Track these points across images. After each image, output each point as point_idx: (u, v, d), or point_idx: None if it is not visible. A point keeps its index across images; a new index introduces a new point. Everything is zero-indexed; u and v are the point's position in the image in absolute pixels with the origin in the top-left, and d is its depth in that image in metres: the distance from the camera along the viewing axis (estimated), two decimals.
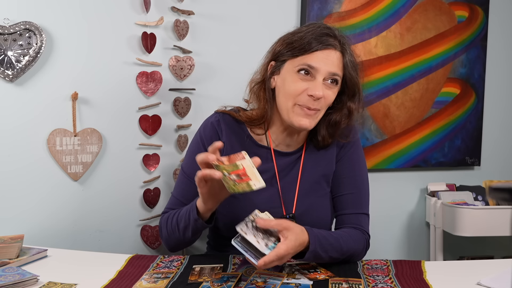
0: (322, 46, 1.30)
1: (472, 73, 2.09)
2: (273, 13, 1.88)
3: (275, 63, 1.37)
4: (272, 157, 1.41)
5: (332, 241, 1.27)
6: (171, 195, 1.47)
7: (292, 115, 1.32)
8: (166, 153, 1.81)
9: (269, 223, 1.15)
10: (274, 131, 1.42)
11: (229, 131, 1.42)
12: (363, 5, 1.95)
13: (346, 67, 1.33)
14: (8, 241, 1.40)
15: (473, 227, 1.86)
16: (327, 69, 1.30)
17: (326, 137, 1.40)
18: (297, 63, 1.31)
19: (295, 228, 1.17)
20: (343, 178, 1.43)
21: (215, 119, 1.45)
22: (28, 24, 1.63)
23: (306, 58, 1.30)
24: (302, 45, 1.30)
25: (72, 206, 1.75)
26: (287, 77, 1.33)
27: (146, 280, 1.19)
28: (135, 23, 1.74)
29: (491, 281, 1.16)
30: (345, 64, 1.33)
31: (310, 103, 1.30)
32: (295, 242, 1.15)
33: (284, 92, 1.33)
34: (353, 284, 1.17)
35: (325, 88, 1.31)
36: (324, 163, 1.43)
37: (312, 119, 1.32)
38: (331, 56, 1.30)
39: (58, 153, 1.70)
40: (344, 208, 1.42)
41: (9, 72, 1.63)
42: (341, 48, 1.32)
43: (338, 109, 1.39)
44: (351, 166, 1.44)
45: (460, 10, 2.05)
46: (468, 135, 2.10)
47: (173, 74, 1.79)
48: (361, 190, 1.44)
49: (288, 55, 1.33)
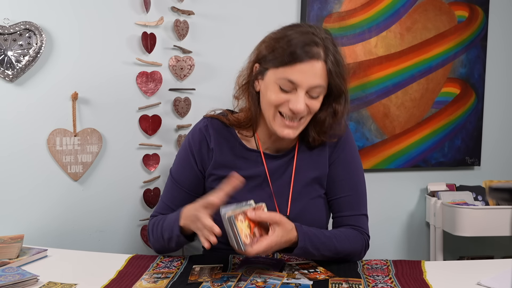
0: (306, 57, 1.24)
1: (472, 73, 2.09)
2: (273, 13, 1.87)
3: (259, 66, 1.33)
4: (263, 161, 1.40)
5: (324, 240, 1.27)
6: (159, 199, 1.47)
7: (274, 124, 1.30)
8: (166, 153, 1.81)
9: (259, 216, 1.16)
10: (262, 135, 1.41)
11: (218, 136, 1.41)
12: (363, 5, 1.95)
13: (330, 74, 1.28)
14: (8, 241, 1.40)
15: (473, 227, 1.86)
16: (309, 83, 1.25)
17: (316, 137, 1.38)
18: (278, 75, 1.26)
19: (286, 224, 1.18)
20: (339, 180, 1.41)
21: (203, 124, 1.43)
22: (28, 24, 1.63)
23: (287, 71, 1.24)
24: (284, 56, 1.25)
25: (72, 206, 1.75)
26: (269, 86, 1.29)
27: (146, 280, 1.19)
28: (135, 23, 1.74)
29: (491, 281, 1.16)
30: (328, 71, 1.27)
31: (292, 116, 1.28)
32: (281, 239, 1.17)
33: (266, 99, 1.30)
34: (353, 284, 1.17)
35: (308, 98, 1.27)
36: (317, 165, 1.41)
37: (296, 129, 1.31)
38: (313, 68, 1.25)
39: (58, 153, 1.70)
40: (342, 210, 1.41)
41: (9, 72, 1.63)
42: (324, 55, 1.26)
43: (324, 109, 1.35)
44: (346, 168, 1.42)
45: (460, 10, 2.05)
46: (468, 135, 2.10)
47: (173, 74, 1.79)
48: (358, 191, 1.42)
49: (270, 64, 1.28)
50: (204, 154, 1.41)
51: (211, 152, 1.40)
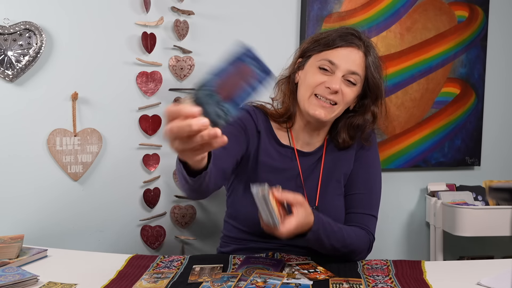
0: (346, 43, 1.35)
1: (472, 73, 2.09)
2: (273, 13, 1.88)
3: (301, 59, 1.42)
4: (296, 157, 1.43)
5: (335, 229, 1.28)
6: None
7: (308, 104, 1.36)
8: (166, 153, 1.81)
9: (286, 195, 1.16)
10: (296, 128, 1.45)
11: (261, 123, 1.44)
12: (363, 5, 1.95)
13: (369, 68, 1.37)
14: (8, 241, 1.40)
15: (473, 227, 1.86)
16: (347, 66, 1.34)
17: (346, 139, 1.44)
18: (319, 57, 1.36)
19: (307, 207, 1.19)
20: (356, 177, 1.45)
21: (250, 108, 1.45)
22: (28, 24, 1.63)
23: (328, 53, 1.35)
24: (326, 42, 1.36)
25: (72, 206, 1.75)
26: (309, 71, 1.38)
27: (146, 280, 1.19)
28: (135, 23, 1.74)
29: (491, 281, 1.16)
30: (367, 65, 1.37)
31: (326, 94, 1.34)
32: (304, 220, 1.17)
33: (304, 83, 1.38)
34: (353, 284, 1.17)
35: (344, 85, 1.35)
36: (344, 163, 1.45)
37: (328, 111, 1.35)
38: (353, 54, 1.35)
39: (58, 153, 1.70)
40: (354, 207, 1.43)
41: (9, 72, 1.63)
42: (364, 49, 1.37)
43: (360, 113, 1.42)
44: (366, 167, 1.46)
45: (460, 10, 2.05)
46: (468, 135, 2.10)
47: (173, 74, 1.79)
48: (372, 191, 1.45)
49: (313, 51, 1.39)
50: (254, 134, 1.42)
51: (258, 135, 1.43)
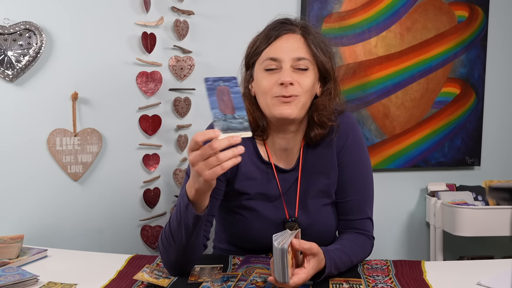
0: (279, 32, 1.29)
1: (472, 73, 2.09)
2: (273, 13, 1.86)
3: (248, 71, 1.35)
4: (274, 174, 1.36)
5: (345, 260, 1.24)
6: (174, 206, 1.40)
7: (272, 108, 1.27)
8: (166, 153, 1.81)
9: (302, 246, 1.11)
10: (271, 139, 1.37)
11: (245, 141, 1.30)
12: (363, 5, 1.95)
13: (312, 49, 1.29)
14: (8, 241, 1.40)
15: (473, 227, 1.86)
16: (290, 55, 1.27)
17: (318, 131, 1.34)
18: (261, 60, 1.29)
19: (320, 255, 1.14)
20: (348, 184, 1.38)
21: None
22: (28, 24, 1.63)
23: (267, 51, 1.29)
24: (261, 40, 1.30)
25: (72, 206, 1.75)
26: (258, 78, 1.30)
27: (147, 273, 1.19)
28: (135, 23, 1.74)
29: (491, 281, 1.16)
30: (308, 46, 1.29)
31: (283, 91, 1.25)
32: (314, 270, 1.14)
33: (259, 92, 1.30)
34: (353, 284, 1.17)
35: (296, 74, 1.26)
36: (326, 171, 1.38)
37: (292, 106, 1.26)
38: (290, 41, 1.29)
39: (58, 153, 1.70)
40: (349, 214, 1.39)
41: (9, 72, 1.63)
42: (301, 31, 1.31)
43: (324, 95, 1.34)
44: (355, 170, 1.39)
45: (460, 10, 2.05)
46: (468, 135, 2.10)
47: (173, 74, 1.79)
48: (366, 194, 1.40)
49: (254, 56, 1.32)
50: None
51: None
